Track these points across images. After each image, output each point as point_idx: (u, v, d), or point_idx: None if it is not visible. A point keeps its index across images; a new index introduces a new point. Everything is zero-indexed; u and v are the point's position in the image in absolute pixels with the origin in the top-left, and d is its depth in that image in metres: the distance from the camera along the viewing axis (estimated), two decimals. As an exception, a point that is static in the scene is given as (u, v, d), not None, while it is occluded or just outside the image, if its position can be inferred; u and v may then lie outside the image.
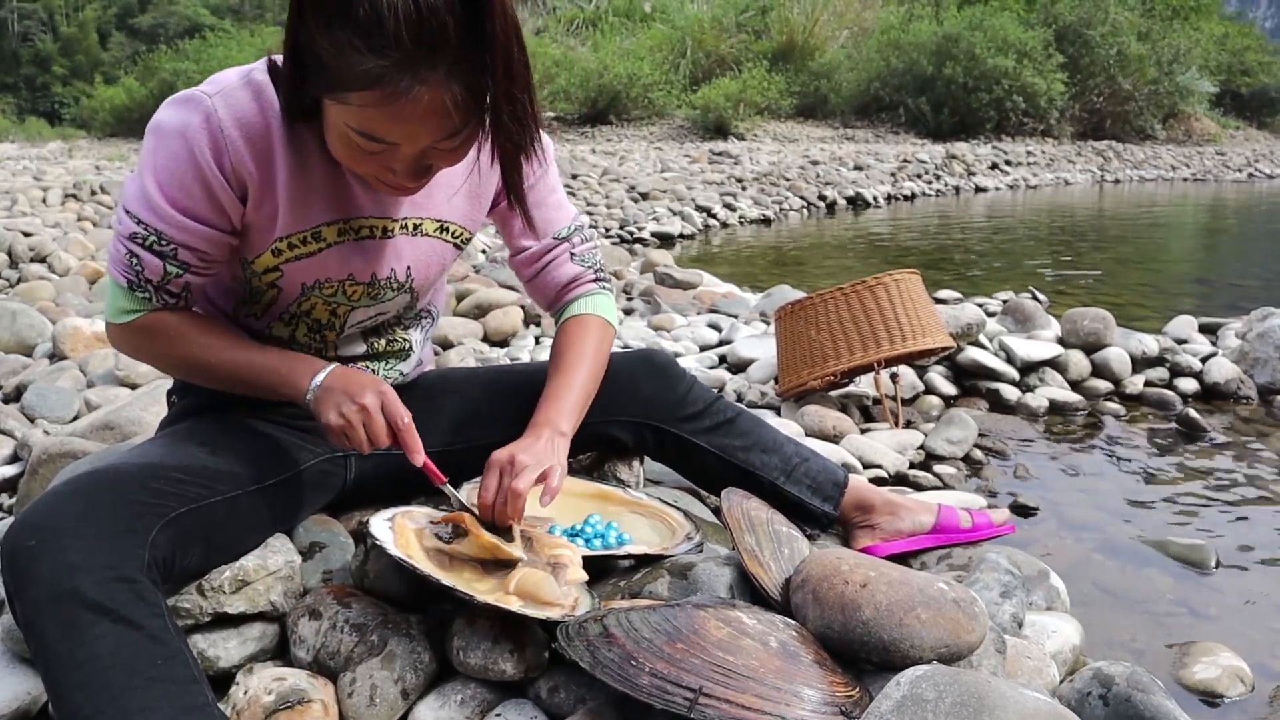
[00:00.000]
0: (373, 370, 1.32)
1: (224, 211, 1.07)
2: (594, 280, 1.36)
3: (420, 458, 1.12)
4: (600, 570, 1.25)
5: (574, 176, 9.63)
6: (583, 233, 1.36)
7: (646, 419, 1.42)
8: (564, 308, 1.36)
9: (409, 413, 1.12)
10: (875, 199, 10.18)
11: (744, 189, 9.56)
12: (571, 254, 1.34)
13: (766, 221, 8.64)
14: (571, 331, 1.31)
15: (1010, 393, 2.69)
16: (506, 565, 1.11)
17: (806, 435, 2.18)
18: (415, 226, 1.19)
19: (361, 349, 1.30)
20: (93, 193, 7.68)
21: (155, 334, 1.15)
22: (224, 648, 1.10)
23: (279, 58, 1.02)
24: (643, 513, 1.38)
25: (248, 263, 1.15)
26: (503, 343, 3.32)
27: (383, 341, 1.32)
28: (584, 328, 1.32)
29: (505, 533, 1.13)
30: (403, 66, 0.87)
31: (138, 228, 1.06)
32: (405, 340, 1.35)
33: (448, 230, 1.23)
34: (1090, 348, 2.84)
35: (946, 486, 2.10)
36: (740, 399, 2.53)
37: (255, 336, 1.23)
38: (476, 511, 1.16)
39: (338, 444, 1.12)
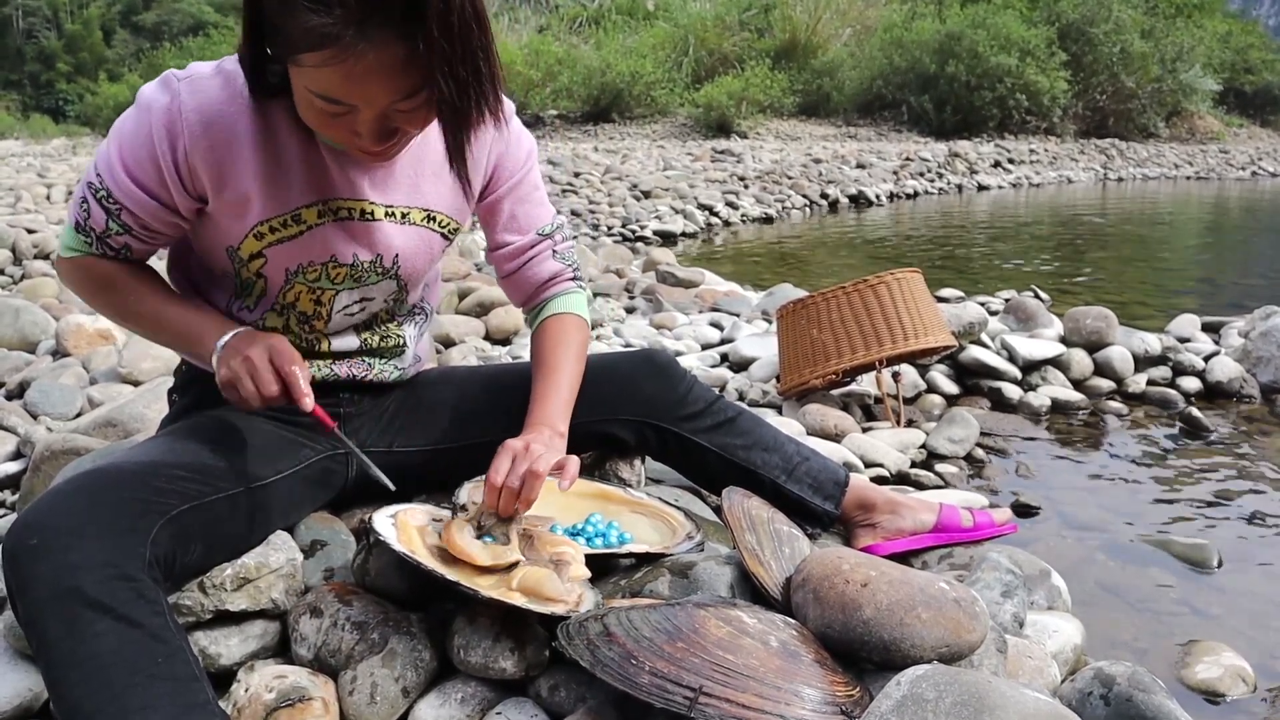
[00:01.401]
0: (369, 366, 1.32)
1: (169, 193, 1.09)
2: (572, 279, 1.38)
3: (309, 403, 1.09)
4: (601, 569, 1.25)
5: (576, 175, 9.62)
6: (563, 231, 1.38)
7: (648, 418, 1.42)
8: (543, 304, 1.37)
9: (300, 359, 1.11)
10: (878, 197, 10.17)
11: (746, 187, 9.55)
12: (554, 251, 1.35)
13: (769, 220, 8.63)
14: (554, 330, 1.32)
15: (1012, 392, 2.68)
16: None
17: (808, 434, 2.18)
18: (403, 215, 1.20)
19: (355, 344, 1.30)
20: (96, 190, 7.68)
21: (90, 276, 1.18)
22: (225, 645, 1.11)
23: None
24: (643, 512, 1.38)
25: (234, 250, 1.16)
26: (504, 341, 3.32)
27: (376, 337, 1.32)
28: (566, 326, 1.33)
29: (505, 524, 1.13)
30: (347, 23, 0.88)
31: (94, 179, 1.11)
32: (399, 336, 1.35)
33: (435, 220, 1.24)
34: (1092, 346, 2.84)
35: (948, 485, 2.10)
36: (742, 398, 2.53)
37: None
38: (463, 509, 1.16)
39: (232, 401, 1.11)
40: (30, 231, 5.04)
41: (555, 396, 1.24)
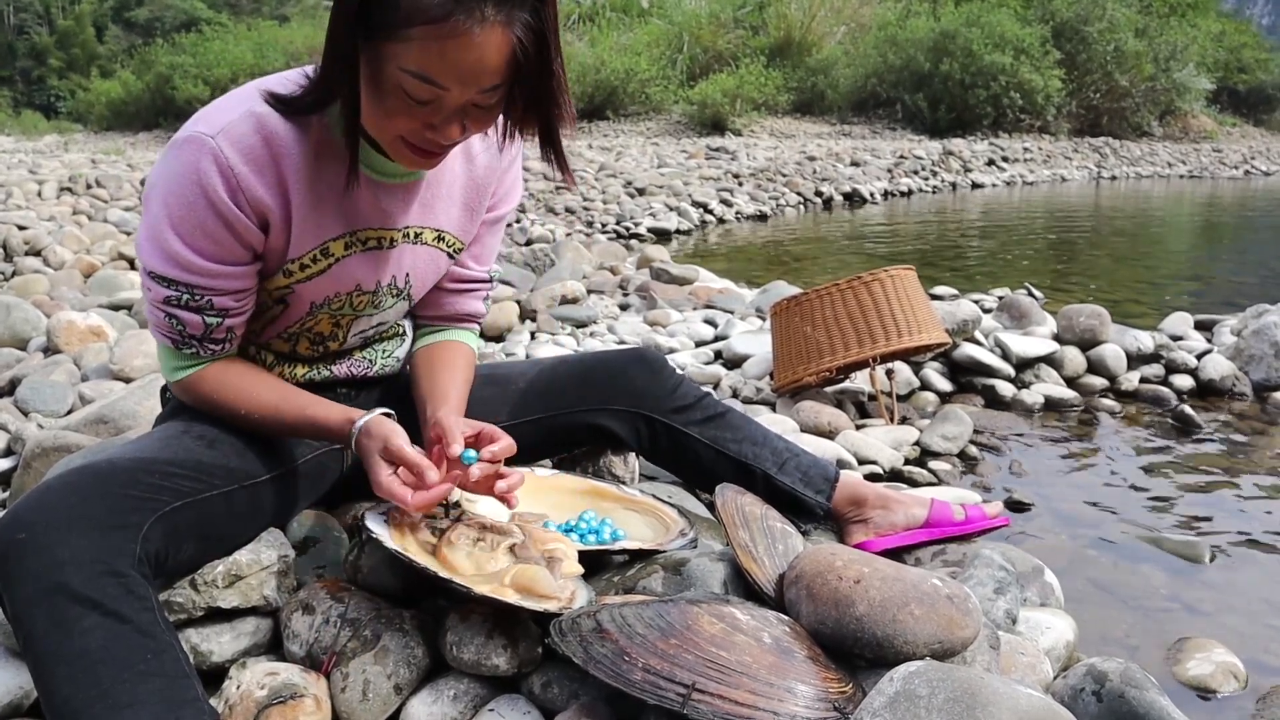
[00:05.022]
0: (368, 358, 1.33)
1: (249, 246, 1.07)
2: (478, 320, 1.42)
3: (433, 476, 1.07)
4: (594, 566, 1.25)
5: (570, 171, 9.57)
6: (495, 280, 1.41)
7: (639, 409, 1.43)
8: (450, 328, 1.39)
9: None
10: (872, 195, 10.17)
11: (740, 185, 9.54)
12: (486, 295, 1.39)
13: (763, 217, 8.62)
14: (456, 352, 1.33)
15: (1006, 389, 2.69)
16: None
17: (802, 431, 2.18)
18: (416, 235, 1.21)
19: (358, 340, 1.32)
20: (88, 186, 7.66)
21: (205, 391, 1.15)
22: (217, 642, 1.10)
23: (275, 81, 1.04)
24: (637, 509, 1.38)
25: (261, 285, 1.15)
26: (498, 338, 3.32)
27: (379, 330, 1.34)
28: (467, 354, 1.35)
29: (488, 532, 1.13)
30: (471, 1, 0.89)
31: (169, 290, 1.06)
32: (400, 325, 1.37)
33: (444, 240, 1.25)
34: (1086, 344, 2.84)
35: (942, 483, 2.10)
36: (736, 395, 2.53)
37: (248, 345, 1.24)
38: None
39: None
40: (21, 228, 5.02)
41: (456, 402, 1.23)
